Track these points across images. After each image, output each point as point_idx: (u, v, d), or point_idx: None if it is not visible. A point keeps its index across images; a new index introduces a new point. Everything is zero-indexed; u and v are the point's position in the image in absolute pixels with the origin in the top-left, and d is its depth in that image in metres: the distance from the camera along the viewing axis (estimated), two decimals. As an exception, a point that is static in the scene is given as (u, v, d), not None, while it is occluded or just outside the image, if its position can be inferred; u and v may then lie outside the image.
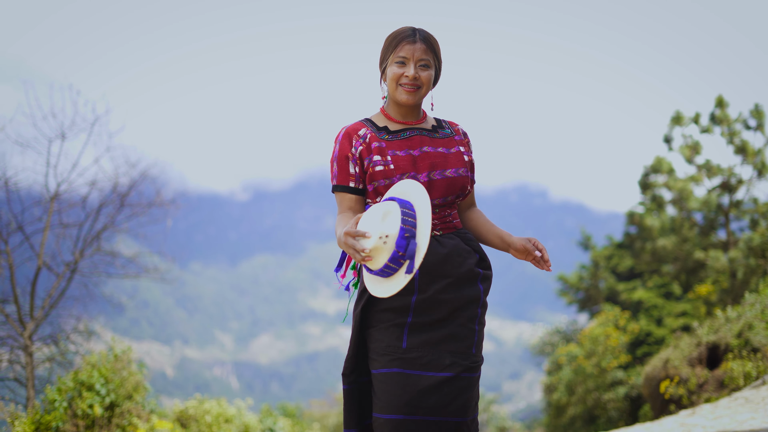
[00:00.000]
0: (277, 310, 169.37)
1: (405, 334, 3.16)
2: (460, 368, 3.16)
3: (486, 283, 3.34)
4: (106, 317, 14.03)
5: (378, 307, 3.20)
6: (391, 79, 3.27)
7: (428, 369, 3.13)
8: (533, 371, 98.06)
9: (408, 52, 3.24)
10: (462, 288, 3.23)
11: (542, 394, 23.27)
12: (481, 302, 3.28)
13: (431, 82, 3.30)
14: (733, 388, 8.75)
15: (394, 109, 3.36)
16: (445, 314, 3.19)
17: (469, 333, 3.22)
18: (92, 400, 8.10)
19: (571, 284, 26.58)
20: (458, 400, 3.15)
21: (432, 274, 3.18)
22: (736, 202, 21.60)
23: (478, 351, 3.26)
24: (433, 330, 3.18)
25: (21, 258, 10.44)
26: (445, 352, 3.16)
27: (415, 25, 3.33)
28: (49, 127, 10.56)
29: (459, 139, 3.39)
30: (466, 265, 3.26)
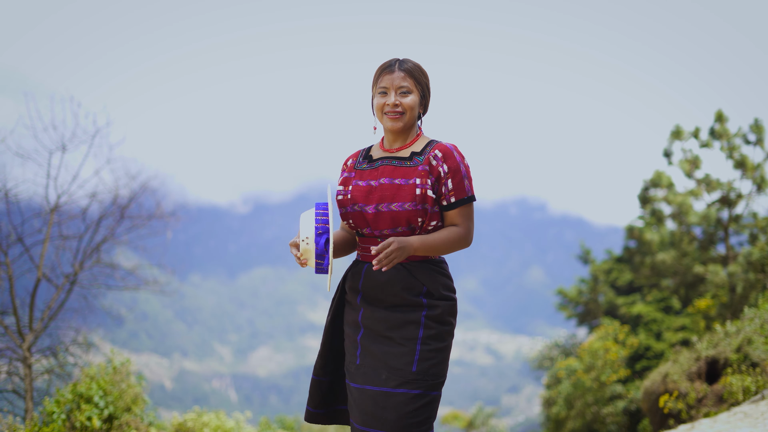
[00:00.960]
0: (276, 322, 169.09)
1: (359, 350, 3.51)
2: (395, 383, 3.37)
3: (433, 311, 3.47)
4: (105, 329, 14.04)
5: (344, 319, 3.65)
6: (377, 109, 3.56)
7: (370, 383, 3.43)
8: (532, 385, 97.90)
9: (387, 82, 3.51)
10: (401, 311, 3.47)
11: (541, 408, 23.23)
12: (422, 324, 3.44)
13: (415, 106, 3.54)
14: (732, 402, 8.74)
15: (386, 137, 3.65)
16: (383, 329, 3.47)
17: (407, 352, 3.41)
18: (91, 413, 8.09)
19: (570, 298, 26.58)
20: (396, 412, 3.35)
21: (368, 299, 3.52)
22: (736, 217, 21.63)
23: (421, 370, 3.39)
24: (376, 345, 3.47)
25: (20, 270, 10.45)
26: (382, 368, 3.42)
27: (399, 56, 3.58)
28: (50, 139, 10.59)
29: (422, 169, 3.51)
30: (402, 295, 3.46)
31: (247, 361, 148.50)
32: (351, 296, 3.59)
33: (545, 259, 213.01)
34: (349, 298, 3.61)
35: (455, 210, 3.51)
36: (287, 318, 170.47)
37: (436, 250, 3.45)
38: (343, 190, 3.59)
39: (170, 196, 12.65)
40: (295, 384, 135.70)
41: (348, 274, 3.64)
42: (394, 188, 3.47)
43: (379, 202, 3.48)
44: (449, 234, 3.48)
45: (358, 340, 3.52)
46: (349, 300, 3.61)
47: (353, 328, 3.56)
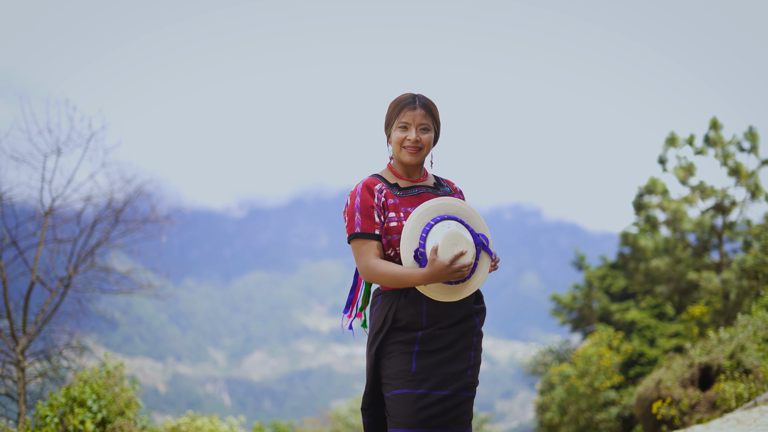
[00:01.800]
0: (270, 327, 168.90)
1: (413, 359, 3.59)
2: (457, 387, 3.60)
3: (481, 316, 3.79)
4: (99, 333, 14.00)
5: (389, 341, 3.66)
6: (396, 143, 3.72)
7: (432, 388, 3.56)
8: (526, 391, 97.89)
9: (409, 118, 3.69)
10: (461, 323, 3.69)
11: (535, 414, 23.25)
12: (476, 331, 3.72)
13: (431, 143, 3.76)
14: (725, 409, 8.76)
15: (400, 168, 3.81)
16: (445, 344, 3.63)
17: (465, 358, 3.66)
18: (84, 416, 8.09)
19: (564, 304, 26.61)
20: (455, 413, 3.58)
21: (437, 316, 3.63)
22: (730, 224, 21.69)
23: (474, 373, 3.69)
24: (435, 356, 3.61)
25: (14, 273, 10.42)
26: (445, 374, 3.59)
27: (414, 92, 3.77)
28: (45, 142, 10.57)
29: (457, 197, 3.88)
30: (467, 305, 3.70)
31: (241, 365, 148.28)
32: (410, 323, 3.63)
33: (540, 265, 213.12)
34: (404, 326, 3.65)
35: None
36: (281, 322, 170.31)
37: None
38: (395, 216, 3.67)
39: (165, 200, 12.64)
40: (288, 388, 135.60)
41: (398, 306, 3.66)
42: None
43: None
44: None
45: (414, 351, 3.61)
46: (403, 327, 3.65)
47: (407, 344, 3.63)
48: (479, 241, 3.57)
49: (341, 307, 3.97)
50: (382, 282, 3.61)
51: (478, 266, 3.60)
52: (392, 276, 3.55)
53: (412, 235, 3.55)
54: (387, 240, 3.65)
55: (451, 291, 3.57)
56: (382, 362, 3.66)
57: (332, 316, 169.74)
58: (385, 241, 3.65)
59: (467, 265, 3.46)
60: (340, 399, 57.67)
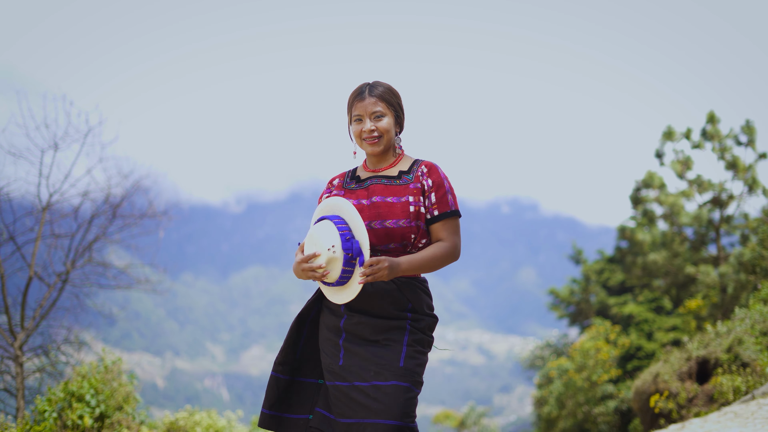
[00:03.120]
0: (268, 322, 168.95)
1: (341, 352, 3.57)
2: (383, 377, 3.46)
3: (417, 323, 3.59)
4: (97, 328, 14.00)
5: (322, 322, 3.71)
6: (356, 136, 3.71)
7: (358, 380, 3.49)
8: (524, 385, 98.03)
9: (361, 110, 3.66)
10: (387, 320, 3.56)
11: (533, 408, 23.27)
12: (408, 329, 3.57)
13: (390, 128, 3.68)
14: (723, 402, 8.78)
15: (369, 160, 3.79)
16: (368, 334, 3.55)
17: (393, 351, 3.52)
18: (82, 411, 8.09)
19: (562, 298, 26.64)
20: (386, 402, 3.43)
21: (353, 309, 3.60)
22: (727, 218, 21.70)
23: (407, 366, 3.51)
24: (362, 347, 3.54)
25: (12, 268, 10.41)
26: (371, 365, 3.50)
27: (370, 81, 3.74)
28: (42, 138, 10.55)
29: (414, 187, 3.65)
30: (388, 309, 3.57)
31: (239, 360, 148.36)
32: (334, 304, 3.65)
33: (537, 260, 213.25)
34: (330, 305, 3.68)
35: (439, 223, 3.62)
36: (279, 317, 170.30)
37: (423, 268, 3.55)
38: None
39: (163, 195, 12.62)
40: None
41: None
42: (387, 206, 3.59)
43: (373, 219, 3.58)
44: (435, 251, 3.58)
45: (341, 343, 3.60)
46: (330, 306, 3.68)
47: (333, 333, 3.63)
48: (347, 247, 3.42)
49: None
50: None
51: (353, 275, 3.46)
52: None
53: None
54: None
55: (331, 292, 3.57)
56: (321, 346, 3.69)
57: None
58: None
59: (315, 268, 3.47)
60: (338, 393, 57.62)
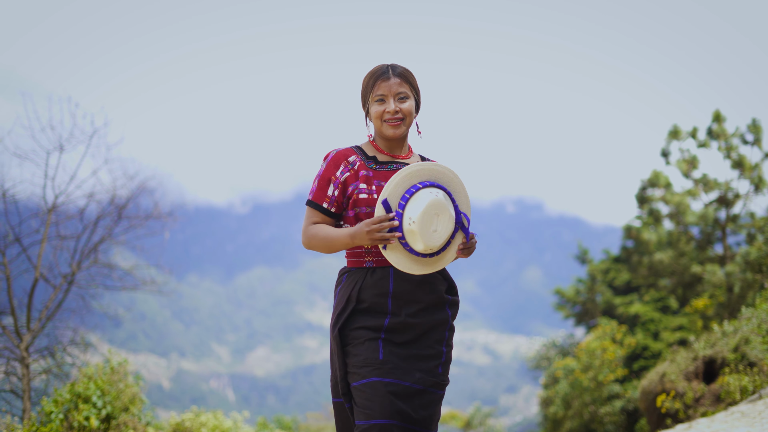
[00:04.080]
0: (273, 322, 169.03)
1: (380, 347, 3.38)
2: (428, 383, 3.40)
3: (454, 309, 3.57)
4: (102, 329, 14.01)
5: (353, 326, 3.45)
6: (376, 117, 3.51)
7: (402, 379, 3.34)
8: (530, 385, 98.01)
9: (385, 89, 3.48)
10: (431, 313, 3.48)
11: (539, 408, 23.24)
12: (448, 326, 3.52)
13: (413, 111, 3.54)
14: (730, 402, 8.76)
15: (383, 143, 3.59)
16: (414, 336, 3.43)
17: (436, 354, 3.46)
18: (88, 413, 8.10)
19: (567, 298, 26.59)
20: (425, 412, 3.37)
21: (404, 299, 3.44)
22: (733, 217, 21.66)
23: (444, 371, 3.50)
24: (403, 348, 3.41)
25: (18, 270, 10.44)
26: (414, 369, 3.39)
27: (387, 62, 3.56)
28: (48, 139, 10.58)
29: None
30: (437, 292, 3.49)
31: (245, 361, 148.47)
32: (374, 304, 3.45)
33: (543, 259, 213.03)
34: (367, 308, 3.46)
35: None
36: (285, 318, 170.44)
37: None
38: (366, 188, 3.47)
39: (168, 196, 12.65)
40: (292, 384, 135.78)
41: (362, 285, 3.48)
42: None
43: None
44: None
45: (381, 339, 3.41)
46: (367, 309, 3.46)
47: (373, 331, 3.42)
48: (459, 220, 3.35)
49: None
50: (316, 247, 3.47)
51: (451, 244, 3.38)
52: (323, 238, 3.43)
53: (394, 192, 3.33)
54: (355, 213, 3.46)
55: (416, 263, 3.36)
56: (347, 349, 3.44)
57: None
58: (353, 213, 3.47)
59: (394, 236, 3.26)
60: (344, 394, 57.57)
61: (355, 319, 3.44)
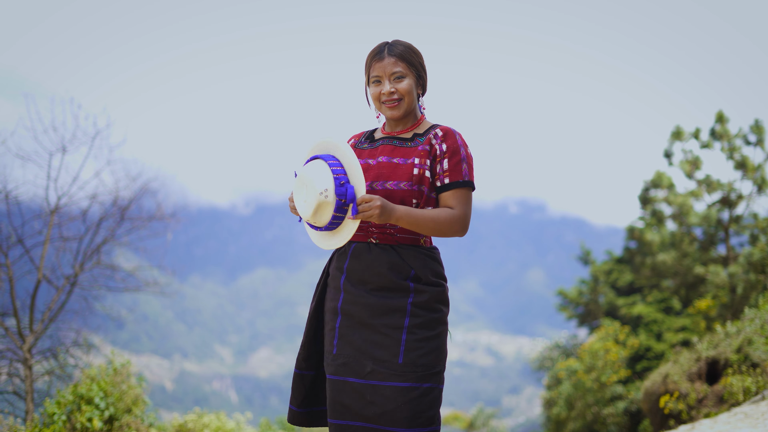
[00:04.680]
0: (276, 323, 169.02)
1: (336, 338, 3.33)
2: (381, 376, 3.21)
3: (420, 296, 3.30)
4: (105, 331, 14.03)
5: (325, 306, 3.46)
6: (374, 99, 3.46)
7: (352, 375, 3.26)
8: (533, 386, 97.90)
9: (379, 70, 3.40)
10: (385, 296, 3.29)
11: (542, 409, 23.22)
12: (408, 311, 3.26)
13: (412, 90, 3.42)
14: (733, 403, 8.74)
15: (388, 123, 3.54)
16: (365, 317, 3.29)
17: (392, 342, 3.24)
18: (91, 414, 8.10)
19: (570, 299, 26.59)
20: (378, 408, 3.20)
21: (352, 279, 3.36)
22: (736, 218, 21.63)
23: (409, 361, 3.22)
24: (358, 333, 3.29)
25: (21, 271, 10.44)
26: (367, 359, 3.26)
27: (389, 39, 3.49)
28: (50, 141, 10.58)
29: (422, 149, 3.39)
30: (389, 276, 3.30)
31: (248, 362, 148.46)
32: (334, 279, 3.43)
33: (545, 260, 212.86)
34: (331, 282, 3.45)
35: (449, 192, 3.34)
36: (287, 319, 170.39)
37: (422, 226, 3.25)
38: None
39: (171, 197, 12.64)
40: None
41: (334, 255, 3.49)
42: (391, 167, 3.37)
43: (374, 180, 3.37)
44: (439, 213, 3.28)
45: (337, 326, 3.35)
46: (331, 283, 3.45)
47: (332, 315, 3.39)
48: (339, 191, 3.15)
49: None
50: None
51: (344, 222, 3.22)
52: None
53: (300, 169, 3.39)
54: None
55: (319, 237, 3.36)
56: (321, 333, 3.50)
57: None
58: None
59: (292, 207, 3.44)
60: (347, 395, 57.55)
61: (326, 296, 3.48)
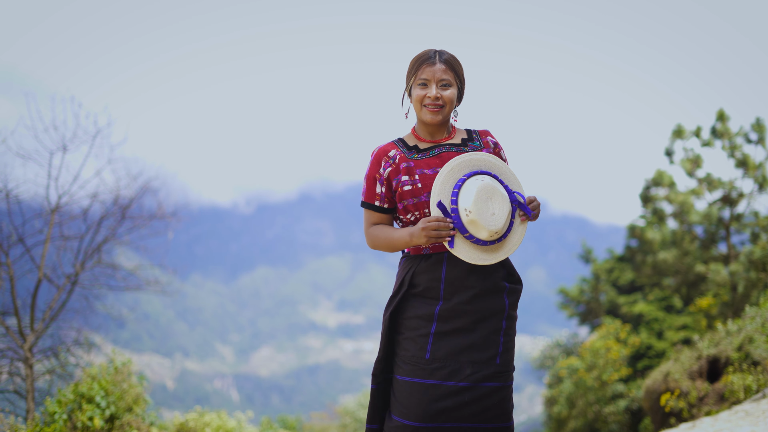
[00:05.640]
0: (277, 322, 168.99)
1: (429, 344, 3.37)
2: (481, 377, 3.34)
3: (513, 297, 3.50)
4: (106, 330, 14.03)
5: (406, 315, 3.46)
6: (416, 101, 3.51)
7: (448, 379, 3.32)
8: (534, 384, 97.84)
9: (429, 74, 3.47)
10: (486, 300, 3.41)
11: (543, 407, 23.23)
12: (506, 314, 3.45)
13: (454, 100, 3.52)
14: (734, 401, 8.74)
15: (423, 129, 3.59)
16: (467, 323, 3.38)
17: (491, 344, 3.40)
18: (92, 413, 8.10)
19: (571, 297, 26.58)
20: (476, 407, 3.33)
21: (456, 285, 3.39)
22: (737, 216, 21.62)
23: (504, 362, 3.42)
24: (455, 339, 3.37)
25: (22, 270, 10.44)
26: (466, 362, 3.35)
27: (436, 48, 3.58)
28: (51, 140, 10.58)
29: (487, 151, 3.55)
30: (492, 278, 3.43)
31: (249, 361, 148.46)
32: (427, 289, 3.44)
33: (546, 259, 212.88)
34: (421, 292, 3.46)
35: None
36: (289, 318, 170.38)
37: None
38: (409, 179, 3.46)
39: (172, 196, 12.65)
40: (296, 384, 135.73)
41: (416, 269, 3.48)
42: None
43: None
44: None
45: (432, 332, 3.39)
46: (420, 294, 3.46)
47: (425, 321, 3.41)
48: (514, 199, 3.34)
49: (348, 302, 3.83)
50: (381, 247, 3.52)
51: (514, 226, 3.35)
52: (385, 239, 3.48)
53: (443, 191, 3.33)
54: (403, 205, 3.48)
55: (485, 251, 3.33)
56: (398, 338, 3.48)
57: (339, 311, 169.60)
58: (401, 206, 3.49)
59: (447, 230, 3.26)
60: (348, 394, 57.67)
61: (409, 305, 3.46)
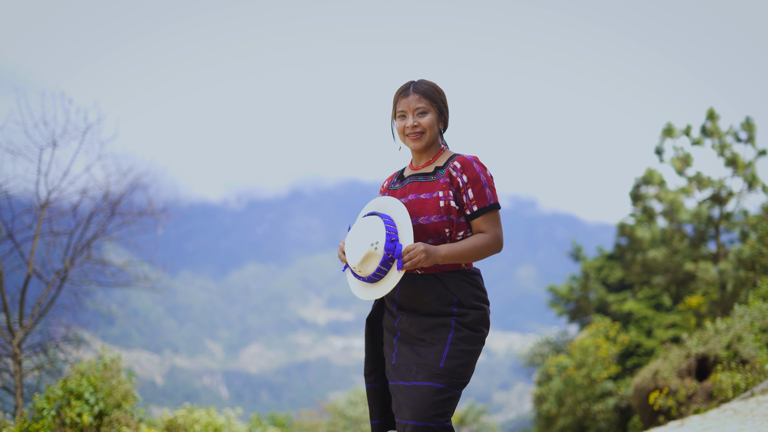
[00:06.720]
0: (267, 319, 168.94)
1: (395, 351, 3.68)
2: (422, 377, 3.52)
3: (464, 318, 3.62)
4: (95, 326, 13.98)
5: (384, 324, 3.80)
6: (399, 133, 3.78)
7: (402, 379, 3.59)
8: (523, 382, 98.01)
9: (404, 106, 3.73)
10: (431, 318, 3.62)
11: (532, 405, 23.26)
12: (453, 326, 3.59)
13: (434, 125, 3.75)
14: (722, 399, 8.77)
15: (413, 157, 3.87)
16: (417, 332, 3.62)
17: (437, 349, 3.56)
18: (81, 409, 8.08)
19: (561, 295, 26.61)
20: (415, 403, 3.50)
21: (404, 307, 3.68)
22: (727, 215, 21.69)
23: (448, 366, 3.54)
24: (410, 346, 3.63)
25: (11, 266, 10.39)
26: (413, 365, 3.58)
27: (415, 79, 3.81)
28: (41, 135, 10.53)
29: (443, 182, 3.68)
30: (434, 305, 3.62)
31: (239, 357, 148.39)
32: (389, 304, 3.75)
33: (536, 257, 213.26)
34: (387, 306, 3.77)
35: (480, 218, 3.65)
36: (278, 314, 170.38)
37: (464, 257, 3.59)
38: None
39: (161, 193, 12.59)
40: (286, 380, 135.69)
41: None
42: (420, 203, 3.66)
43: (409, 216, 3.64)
44: (476, 240, 3.62)
45: (395, 342, 3.69)
46: (387, 307, 3.77)
47: (391, 332, 3.73)
48: (390, 247, 3.46)
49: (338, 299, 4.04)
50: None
51: (388, 274, 3.52)
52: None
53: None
54: None
55: (361, 287, 3.63)
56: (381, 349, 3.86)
57: (329, 308, 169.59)
58: None
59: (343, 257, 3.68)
60: (338, 391, 57.68)
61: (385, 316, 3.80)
